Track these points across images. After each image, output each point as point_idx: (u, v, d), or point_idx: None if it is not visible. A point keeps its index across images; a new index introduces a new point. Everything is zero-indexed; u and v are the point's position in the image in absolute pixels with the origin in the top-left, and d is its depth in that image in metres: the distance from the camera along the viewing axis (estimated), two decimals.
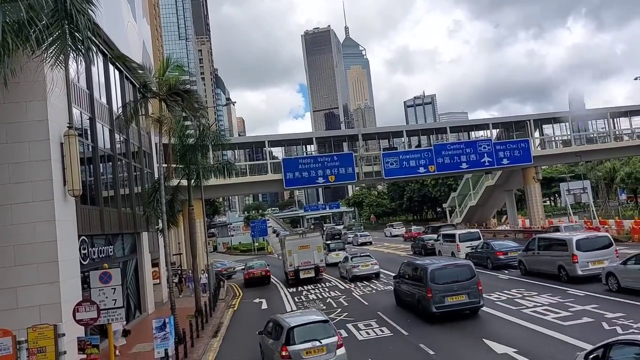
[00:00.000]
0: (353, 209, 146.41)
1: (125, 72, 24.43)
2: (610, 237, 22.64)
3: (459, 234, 34.82)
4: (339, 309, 21.52)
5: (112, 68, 23.19)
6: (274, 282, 35.43)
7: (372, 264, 30.42)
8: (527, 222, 52.03)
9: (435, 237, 39.88)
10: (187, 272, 33.74)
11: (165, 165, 23.13)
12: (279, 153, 49.27)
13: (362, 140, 46.65)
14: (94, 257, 18.56)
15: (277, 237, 79.40)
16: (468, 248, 32.24)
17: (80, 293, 15.68)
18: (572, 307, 16.67)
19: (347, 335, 16.71)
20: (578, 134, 50.14)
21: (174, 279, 27.90)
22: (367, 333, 16.72)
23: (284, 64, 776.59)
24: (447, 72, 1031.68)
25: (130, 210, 23.97)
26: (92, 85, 19.99)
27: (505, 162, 46.00)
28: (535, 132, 49.76)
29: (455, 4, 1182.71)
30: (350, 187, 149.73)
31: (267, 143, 45.43)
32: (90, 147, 19.45)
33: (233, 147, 45.89)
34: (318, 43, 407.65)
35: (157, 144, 22.15)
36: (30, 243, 14.37)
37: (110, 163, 21.93)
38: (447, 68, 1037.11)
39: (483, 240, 32.74)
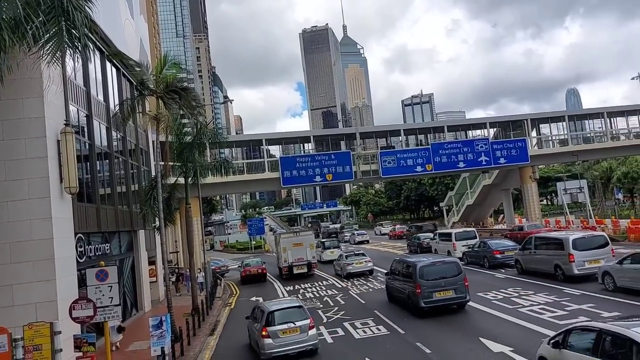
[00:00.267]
0: (350, 208, 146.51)
1: (123, 69, 24.37)
2: (607, 236, 22.67)
3: (455, 233, 35.01)
4: (336, 308, 21.53)
5: (109, 65, 23.11)
6: (271, 279, 35.46)
7: (365, 262, 31.24)
8: (523, 221, 52.08)
9: (432, 235, 40.23)
10: (184, 270, 33.69)
11: (162, 163, 23.06)
12: (277, 151, 49.18)
13: (359, 139, 46.65)
14: (91, 254, 18.52)
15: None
16: (464, 247, 32.47)
17: (77, 291, 15.62)
18: (568, 306, 16.71)
19: (344, 334, 16.75)
20: (575, 134, 50.24)
21: (171, 278, 27.86)
22: (363, 332, 16.74)
23: (282, 62, 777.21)
24: (445, 71, 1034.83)
25: (127, 208, 23.92)
26: (89, 83, 19.92)
27: (503, 161, 46.08)
28: (533, 131, 49.83)
29: (454, 4, 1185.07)
30: (348, 185, 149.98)
31: (264, 141, 45.37)
32: (87, 144, 19.39)
33: (230, 145, 45.72)
34: (316, 41, 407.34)
35: (154, 142, 22.07)
36: (27, 240, 14.31)
37: (107, 161, 21.87)
38: (445, 67, 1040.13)
39: (480, 240, 32.89)
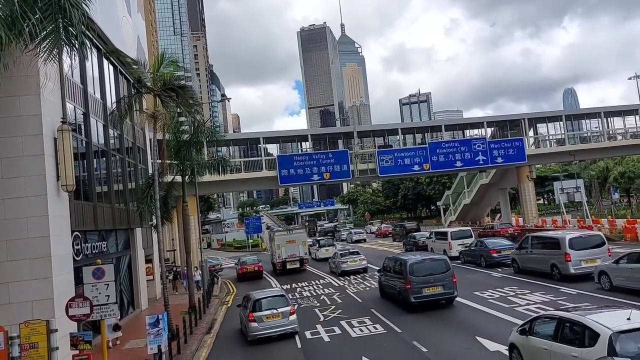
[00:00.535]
0: (348, 207, 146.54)
1: (120, 67, 24.30)
2: (603, 236, 22.77)
3: (451, 232, 35.28)
4: (333, 306, 21.55)
5: (106, 63, 23.05)
6: (267, 277, 35.51)
7: (360, 260, 31.98)
8: (520, 220, 52.26)
9: (428, 234, 40.65)
10: (181, 268, 33.68)
11: (160, 161, 23.02)
12: (274, 150, 49.14)
13: (357, 138, 46.63)
14: (87, 252, 18.48)
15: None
16: (460, 246, 32.75)
17: (73, 289, 15.60)
18: (564, 305, 16.69)
19: (340, 333, 16.77)
20: (572, 133, 50.33)
21: (169, 276, 27.84)
22: (360, 330, 16.76)
23: (280, 61, 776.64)
24: (443, 70, 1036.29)
25: (124, 206, 23.89)
26: (86, 80, 19.86)
27: (500, 160, 46.14)
28: (530, 131, 49.90)
29: (452, 3, 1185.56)
30: (345, 184, 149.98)
31: (262, 140, 45.30)
32: (84, 142, 19.34)
33: (228, 143, 45.65)
34: (314, 40, 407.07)
35: (151, 140, 22.03)
36: (23, 238, 14.28)
37: (104, 158, 21.83)
38: (443, 66, 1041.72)
39: (477, 239, 33.04)
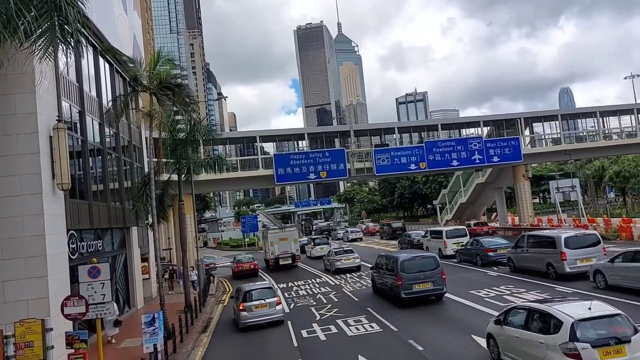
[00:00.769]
0: (344, 205, 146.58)
1: (116, 65, 24.22)
2: (598, 235, 22.82)
3: (446, 231, 35.57)
4: (329, 305, 21.56)
5: (102, 61, 22.98)
6: (263, 275, 35.54)
7: (353, 258, 32.60)
8: (516, 219, 52.40)
9: (423, 233, 41.25)
10: (177, 267, 33.64)
11: (156, 160, 22.96)
12: (271, 149, 49.16)
13: (353, 137, 46.61)
14: (83, 251, 18.44)
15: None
16: (455, 245, 33.06)
17: (69, 287, 15.58)
18: None
19: (337, 331, 16.78)
20: (568, 133, 50.47)
21: (165, 275, 27.79)
22: (356, 329, 16.77)
23: (277, 59, 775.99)
24: (439, 69, 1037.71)
25: (120, 205, 23.83)
26: (81, 78, 19.79)
27: (496, 159, 46.22)
28: (526, 130, 50.00)
29: (449, 2, 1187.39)
30: (342, 183, 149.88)
31: (258, 138, 45.22)
32: (80, 140, 19.29)
33: (224, 142, 45.64)
34: (310, 39, 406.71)
35: (147, 138, 21.98)
36: (18, 237, 14.22)
37: (100, 157, 21.76)
38: (439, 65, 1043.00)
39: (473, 238, 33.18)
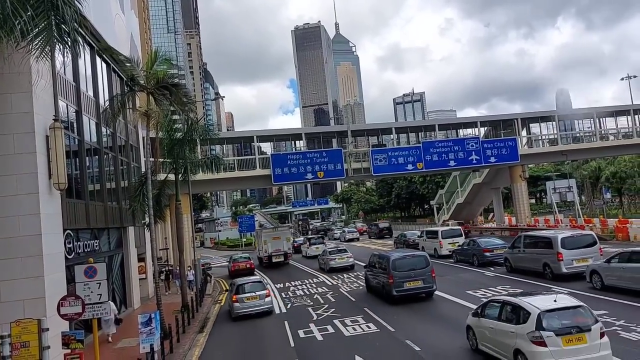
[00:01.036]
0: (341, 205, 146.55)
1: (113, 64, 24.18)
2: (595, 235, 22.90)
3: (442, 231, 35.77)
4: (326, 305, 21.56)
5: (99, 60, 22.92)
6: (259, 274, 35.47)
7: (347, 257, 33.48)
8: (513, 220, 52.50)
9: (419, 233, 41.58)
10: (174, 267, 33.56)
11: (153, 160, 22.94)
12: (268, 149, 49.06)
13: (351, 137, 46.65)
14: (79, 251, 18.39)
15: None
16: (450, 245, 33.29)
17: (65, 287, 15.53)
18: None
19: (334, 332, 16.79)
20: (565, 133, 50.59)
21: (160, 276, 27.75)
22: (353, 329, 16.79)
23: (275, 59, 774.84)
24: (437, 70, 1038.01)
25: (117, 205, 23.78)
26: (78, 78, 19.75)
27: (493, 160, 46.30)
28: (523, 130, 50.11)
29: (447, 3, 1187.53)
30: (339, 183, 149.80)
31: (255, 138, 45.18)
32: (77, 140, 19.24)
33: (221, 142, 45.63)
34: (308, 39, 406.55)
35: (144, 138, 21.98)
36: (15, 237, 14.18)
37: (97, 156, 21.71)
38: (437, 66, 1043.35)
39: (469, 238, 33.29)
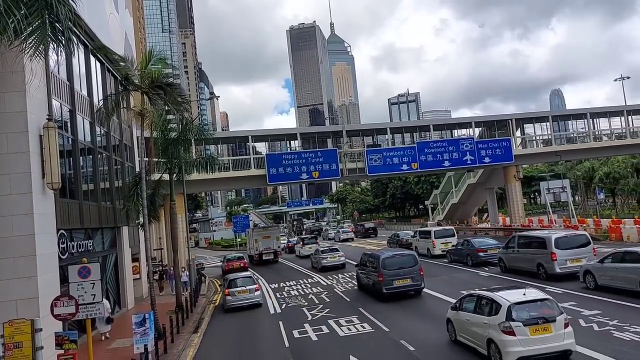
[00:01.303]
0: (336, 205, 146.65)
1: (107, 64, 24.07)
2: (588, 235, 22.97)
3: (434, 231, 36.00)
4: (321, 305, 21.55)
5: (93, 59, 22.82)
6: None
7: (338, 256, 34.36)
8: (507, 220, 52.67)
9: (412, 233, 42.02)
10: (168, 267, 33.44)
11: (147, 159, 22.87)
12: (263, 148, 49.04)
13: (346, 137, 46.66)
14: (73, 251, 18.31)
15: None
16: (443, 244, 33.62)
17: (59, 287, 15.46)
18: None
19: (328, 332, 16.78)
20: (558, 134, 50.82)
21: (154, 276, 27.64)
22: (348, 329, 16.78)
23: (271, 59, 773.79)
24: (432, 70, 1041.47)
25: (111, 205, 23.68)
26: (72, 77, 19.66)
27: (487, 160, 46.44)
28: (517, 131, 50.28)
29: (441, 3, 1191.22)
30: (334, 183, 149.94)
31: (250, 138, 45.11)
32: (70, 139, 19.15)
33: (216, 141, 45.52)
34: (303, 38, 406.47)
35: (138, 138, 21.86)
36: (7, 236, 14.10)
37: (91, 156, 21.62)
38: (432, 66, 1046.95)
39: (463, 238, 33.43)
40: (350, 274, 30.72)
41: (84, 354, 12.62)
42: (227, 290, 23.15)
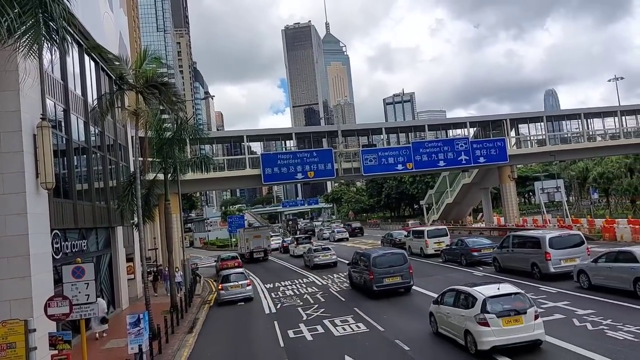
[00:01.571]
0: (332, 205, 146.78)
1: (101, 63, 23.98)
2: (582, 235, 23.08)
3: (427, 231, 36.32)
4: (316, 305, 21.55)
5: (87, 59, 22.73)
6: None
7: (330, 255, 35.51)
8: (502, 220, 52.84)
9: (405, 233, 42.32)
10: (162, 268, 33.33)
11: (142, 159, 22.80)
12: (258, 148, 49.01)
13: (341, 137, 46.69)
14: (67, 251, 18.23)
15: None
16: (436, 244, 33.97)
17: (52, 288, 15.39)
18: (544, 303, 16.99)
19: (323, 332, 16.78)
20: (553, 134, 51.03)
21: (149, 277, 27.55)
22: (343, 329, 16.78)
23: (266, 58, 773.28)
24: (427, 70, 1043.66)
25: (105, 204, 23.59)
26: (66, 76, 19.57)
27: (482, 160, 46.58)
28: (512, 131, 50.48)
29: (437, 3, 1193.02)
30: (329, 183, 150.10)
31: (245, 138, 45.07)
32: (64, 139, 19.06)
33: (211, 141, 45.46)
34: (298, 38, 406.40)
35: (133, 137, 21.80)
36: (1, 236, 14.02)
37: (85, 156, 21.53)
38: (427, 66, 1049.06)
39: (457, 238, 33.56)
40: (345, 274, 30.68)
41: (78, 355, 12.57)
42: (220, 285, 24.91)
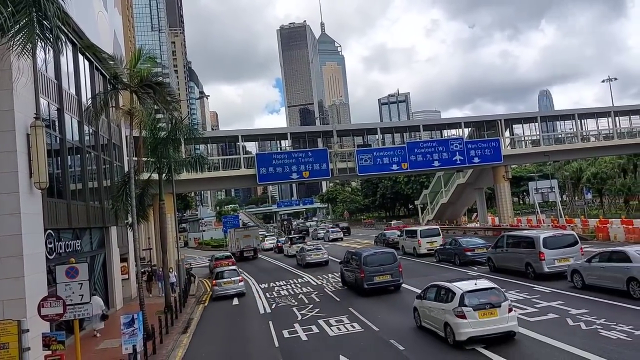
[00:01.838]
0: (327, 205, 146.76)
1: (96, 62, 23.89)
2: (576, 235, 23.20)
3: (420, 230, 36.58)
4: (311, 305, 21.54)
5: (81, 58, 22.65)
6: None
7: (322, 254, 36.55)
8: (496, 220, 53.02)
9: (399, 233, 42.51)
10: (157, 268, 33.21)
11: (136, 159, 22.72)
12: (253, 148, 48.92)
13: (336, 137, 46.70)
14: (61, 251, 18.14)
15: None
16: (428, 244, 34.33)
17: (46, 288, 15.31)
18: (538, 303, 17.06)
19: (318, 332, 16.78)
20: (547, 134, 51.24)
21: (143, 278, 27.45)
22: (338, 329, 16.79)
23: (261, 58, 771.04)
24: (422, 70, 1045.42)
25: (99, 204, 23.51)
26: (60, 75, 19.49)
27: (477, 160, 46.72)
28: (506, 131, 50.64)
29: (432, 4, 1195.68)
30: (325, 183, 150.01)
31: (240, 138, 45.02)
32: (58, 138, 18.98)
33: (206, 141, 45.33)
34: (294, 38, 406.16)
35: (127, 137, 21.73)
36: None
37: (79, 155, 21.45)
38: (423, 67, 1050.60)
39: (451, 237, 33.68)
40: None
41: (72, 355, 12.51)
42: (214, 282, 26.55)
